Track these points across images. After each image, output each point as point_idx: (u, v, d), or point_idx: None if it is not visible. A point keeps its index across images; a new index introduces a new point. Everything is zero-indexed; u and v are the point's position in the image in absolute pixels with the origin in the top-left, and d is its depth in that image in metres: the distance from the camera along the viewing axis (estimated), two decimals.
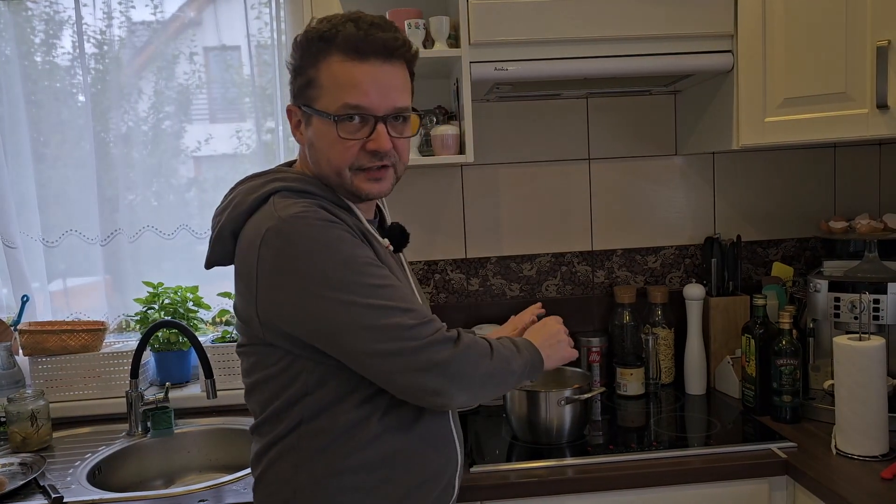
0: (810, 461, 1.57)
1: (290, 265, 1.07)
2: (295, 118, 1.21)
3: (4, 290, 2.19)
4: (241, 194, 1.18)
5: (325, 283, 1.06)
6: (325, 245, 1.07)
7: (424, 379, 1.08)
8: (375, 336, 1.07)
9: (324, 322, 1.07)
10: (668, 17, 1.76)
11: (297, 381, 1.15)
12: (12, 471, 1.70)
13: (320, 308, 1.07)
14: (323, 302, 1.06)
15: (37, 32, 2.15)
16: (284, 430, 1.17)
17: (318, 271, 1.06)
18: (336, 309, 1.06)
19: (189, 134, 2.21)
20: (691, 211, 2.25)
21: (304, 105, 1.17)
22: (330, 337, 1.09)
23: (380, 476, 1.17)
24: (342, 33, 1.12)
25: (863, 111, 1.64)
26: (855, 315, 1.76)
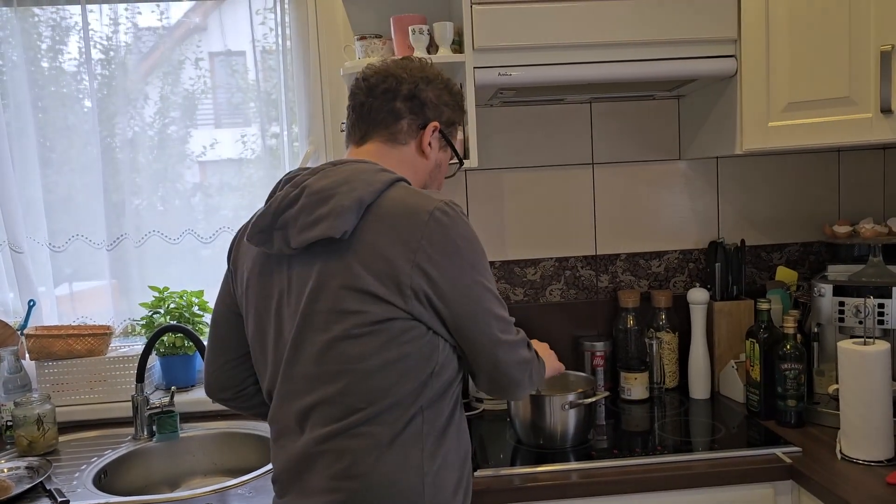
0: (815, 466, 1.57)
1: (455, 246, 1.16)
2: (435, 136, 1.33)
3: (11, 295, 2.20)
4: (364, 173, 1.19)
5: (478, 269, 1.19)
6: (474, 236, 1.20)
7: (517, 370, 1.24)
8: (500, 325, 1.21)
9: (471, 302, 1.18)
10: (671, 21, 1.76)
11: (430, 361, 1.18)
12: (18, 474, 1.71)
13: (472, 289, 1.18)
14: (475, 284, 1.18)
15: (43, 38, 2.17)
16: (412, 414, 1.18)
17: (475, 257, 1.19)
18: (483, 293, 1.19)
19: (194, 139, 2.23)
20: (695, 215, 2.25)
21: (448, 137, 1.35)
22: (471, 317, 1.18)
23: (460, 458, 1.26)
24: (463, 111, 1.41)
25: (867, 115, 1.64)
26: (859, 319, 1.76)
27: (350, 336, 1.14)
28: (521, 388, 1.28)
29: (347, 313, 1.14)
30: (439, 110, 1.32)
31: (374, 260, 1.14)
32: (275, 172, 2.19)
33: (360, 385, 1.16)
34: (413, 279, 1.13)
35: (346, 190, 1.15)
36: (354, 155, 1.30)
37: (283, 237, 1.18)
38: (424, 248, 1.14)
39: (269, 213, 1.19)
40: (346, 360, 1.15)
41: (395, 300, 1.14)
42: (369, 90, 1.30)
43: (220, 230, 2.23)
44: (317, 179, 1.19)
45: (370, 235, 1.15)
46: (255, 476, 1.66)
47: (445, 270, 1.15)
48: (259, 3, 2.16)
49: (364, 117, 1.30)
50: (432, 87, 1.31)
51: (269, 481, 1.63)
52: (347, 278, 1.14)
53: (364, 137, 1.30)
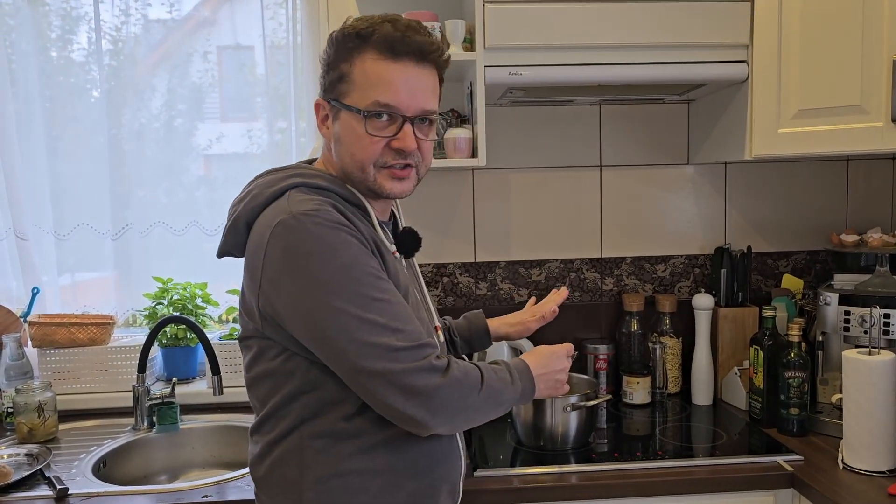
0: (817, 475, 1.56)
1: (293, 261, 1.07)
2: (322, 112, 1.21)
3: (15, 282, 2.20)
4: (259, 187, 1.18)
5: (322, 286, 1.06)
6: (330, 247, 1.06)
7: (403, 404, 1.07)
8: (361, 351, 1.06)
9: (314, 324, 1.07)
10: (683, 25, 1.76)
11: (293, 379, 1.14)
12: (18, 461, 1.71)
13: (313, 309, 1.06)
14: (316, 304, 1.06)
15: (53, 28, 2.17)
16: (286, 428, 1.16)
17: (318, 272, 1.06)
18: (327, 314, 1.06)
19: (200, 132, 2.22)
20: (702, 220, 2.25)
21: (334, 100, 1.18)
22: (318, 341, 1.08)
23: (385, 480, 1.16)
24: (379, 32, 1.13)
25: (877, 124, 1.63)
26: (865, 329, 1.75)
27: (240, 348, 1.23)
28: (428, 424, 1.09)
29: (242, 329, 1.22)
30: (322, 83, 1.22)
31: (244, 280, 1.17)
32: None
33: (250, 392, 1.23)
34: (259, 302, 1.11)
35: (241, 209, 1.18)
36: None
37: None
38: (265, 269, 1.09)
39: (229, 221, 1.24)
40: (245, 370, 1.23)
41: (254, 320, 1.15)
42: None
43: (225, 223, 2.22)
44: (242, 189, 1.24)
45: (246, 255, 1.17)
46: None
47: (286, 290, 1.07)
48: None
49: None
50: (320, 60, 1.22)
51: None
52: (240, 294, 1.20)
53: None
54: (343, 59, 1.16)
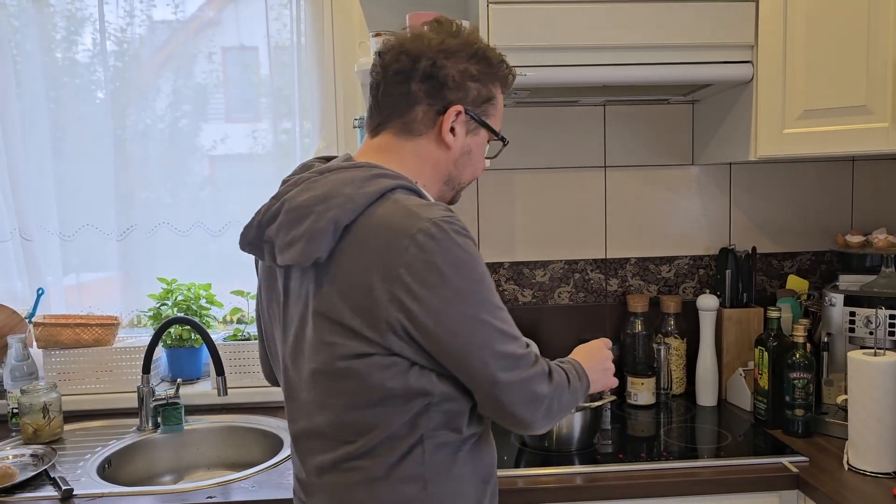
0: (822, 476, 1.55)
1: (439, 274, 1.01)
2: (458, 121, 1.15)
3: (20, 283, 2.20)
4: (347, 186, 1.06)
5: (471, 300, 1.03)
6: (471, 258, 1.04)
7: (525, 411, 1.08)
8: (499, 363, 1.05)
9: (459, 337, 1.03)
10: (688, 26, 1.75)
11: (423, 394, 1.07)
12: (23, 462, 1.71)
13: (460, 324, 1.03)
14: (465, 318, 1.03)
15: (58, 29, 2.17)
16: (409, 446, 1.09)
17: (467, 285, 1.03)
18: (476, 328, 1.04)
19: (205, 133, 2.23)
20: (707, 221, 2.24)
21: (479, 116, 1.18)
22: (458, 352, 1.04)
23: (478, 486, 1.17)
24: (509, 72, 1.22)
25: (883, 125, 1.62)
26: (870, 330, 1.74)
27: (330, 370, 1.07)
28: (534, 427, 1.11)
29: (325, 344, 1.06)
30: (464, 89, 1.14)
31: (351, 289, 1.03)
32: (285, 168, 2.18)
33: (347, 418, 1.08)
34: (390, 313, 1.01)
35: (322, 209, 1.04)
36: (367, 147, 1.18)
37: (270, 251, 1.10)
38: (403, 278, 1.00)
39: (253, 226, 1.12)
40: (328, 394, 1.08)
41: (371, 335, 1.03)
42: (384, 70, 1.15)
43: (229, 224, 2.23)
44: (297, 193, 1.08)
45: (348, 261, 1.04)
46: (259, 470, 1.66)
47: (427, 303, 1.01)
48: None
49: (379, 102, 1.17)
50: (454, 60, 1.13)
51: (272, 476, 1.63)
52: (326, 306, 1.05)
53: (378, 127, 1.17)
54: (493, 83, 1.18)
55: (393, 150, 1.16)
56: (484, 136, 1.20)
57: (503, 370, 1.05)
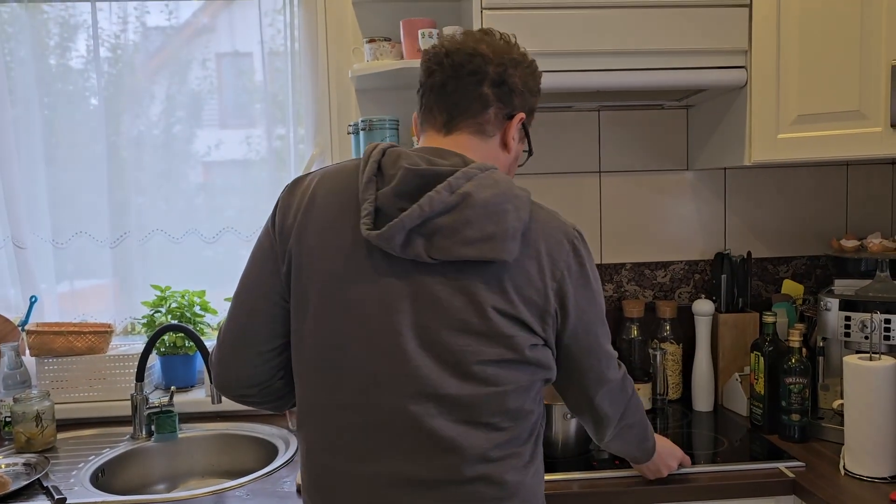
0: (818, 481, 1.55)
1: (590, 277, 1.16)
2: (519, 128, 1.22)
3: (13, 291, 2.19)
4: (508, 183, 1.09)
5: (599, 301, 1.19)
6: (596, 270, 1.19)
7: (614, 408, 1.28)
8: (610, 361, 1.24)
9: (590, 335, 1.18)
10: (681, 31, 1.76)
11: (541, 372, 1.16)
12: (16, 471, 1.70)
13: (594, 321, 1.18)
14: (596, 317, 1.18)
15: (52, 35, 2.17)
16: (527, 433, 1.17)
17: (598, 288, 1.18)
18: (599, 327, 1.19)
19: (199, 139, 2.22)
20: (702, 226, 2.24)
21: (528, 127, 1.25)
22: (586, 352, 1.19)
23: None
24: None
25: (877, 130, 1.63)
26: (866, 335, 1.74)
27: (501, 360, 1.08)
28: (610, 421, 1.30)
29: (502, 336, 1.08)
30: (525, 98, 1.19)
31: (524, 286, 1.09)
32: (279, 175, 2.18)
33: (511, 405, 1.11)
34: (553, 307, 1.12)
35: (513, 208, 1.07)
36: (436, 143, 1.17)
37: (425, 244, 1.05)
38: (566, 277, 1.13)
39: (414, 215, 1.04)
40: (491, 383, 1.09)
41: (538, 328, 1.11)
42: (454, 69, 1.14)
43: (223, 231, 2.22)
44: (478, 188, 1.06)
45: (521, 259, 1.09)
46: (254, 478, 1.65)
47: (577, 301, 1.14)
48: (268, 5, 2.16)
49: (447, 100, 1.15)
50: (520, 70, 1.18)
51: (266, 484, 1.62)
52: (501, 303, 1.07)
53: (450, 125, 1.16)
54: (537, 97, 1.25)
55: (472, 150, 1.16)
56: (523, 146, 1.28)
57: (610, 369, 1.23)
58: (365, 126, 1.89)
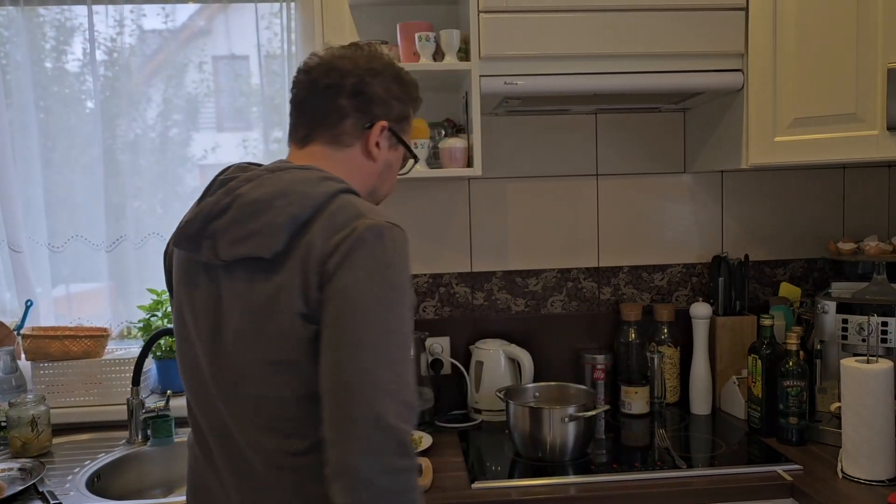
0: (816, 484, 1.55)
1: (374, 270, 1.02)
2: (384, 136, 1.22)
3: (8, 295, 2.19)
4: (300, 184, 1.08)
5: (384, 301, 1.01)
6: (406, 265, 1.06)
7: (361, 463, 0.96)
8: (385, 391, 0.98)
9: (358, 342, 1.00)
10: (678, 34, 1.76)
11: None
12: (11, 476, 1.69)
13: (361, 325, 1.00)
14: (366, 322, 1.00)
15: (48, 38, 2.16)
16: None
17: (385, 288, 1.02)
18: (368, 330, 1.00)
19: (196, 142, 2.22)
20: (699, 229, 2.24)
21: (398, 133, 1.24)
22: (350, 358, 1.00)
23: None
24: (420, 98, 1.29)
25: (873, 133, 1.63)
26: (863, 337, 1.74)
27: (285, 360, 1.05)
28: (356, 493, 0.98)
29: (285, 333, 1.05)
30: (388, 106, 1.21)
31: (305, 281, 1.03)
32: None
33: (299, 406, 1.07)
34: (311, 308, 1.03)
35: (281, 204, 1.05)
36: (295, 158, 1.20)
37: (211, 247, 1.08)
38: (335, 269, 1.01)
39: (197, 220, 1.09)
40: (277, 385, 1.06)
41: (304, 326, 1.04)
42: (311, 85, 1.19)
43: None
44: (251, 188, 1.08)
45: (290, 253, 1.05)
46: None
47: (352, 301, 1.01)
48: (265, 8, 2.15)
49: (306, 115, 1.20)
50: (380, 79, 1.20)
51: None
52: (283, 299, 1.04)
53: (306, 138, 1.20)
54: (409, 105, 1.26)
55: (324, 159, 1.19)
56: (400, 152, 1.27)
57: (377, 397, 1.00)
58: None
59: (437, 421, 2.03)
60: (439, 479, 1.63)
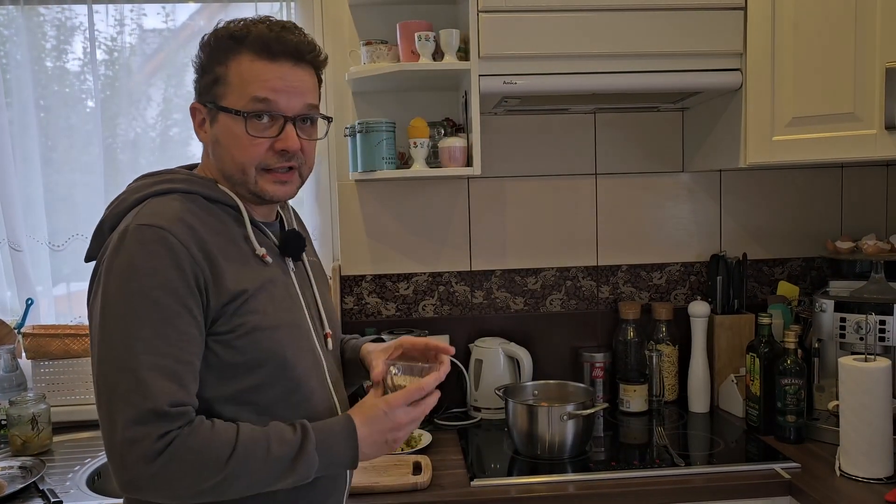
0: (814, 482, 1.56)
1: (104, 275, 1.03)
2: (199, 116, 1.17)
3: (9, 293, 2.19)
4: (127, 192, 1.14)
5: (107, 307, 1.01)
6: (134, 270, 1.01)
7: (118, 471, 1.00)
8: (98, 393, 1.02)
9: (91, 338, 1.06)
10: (677, 34, 1.76)
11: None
12: (12, 474, 1.69)
13: (93, 328, 1.04)
14: (95, 323, 1.03)
15: (48, 38, 2.17)
16: None
17: (111, 293, 1.01)
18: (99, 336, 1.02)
19: (196, 142, 2.21)
20: (697, 228, 2.25)
21: (210, 102, 1.14)
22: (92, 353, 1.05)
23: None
24: (253, 33, 1.11)
25: (871, 132, 1.64)
26: (861, 336, 1.75)
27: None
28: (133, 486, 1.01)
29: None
30: (196, 87, 1.18)
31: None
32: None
33: None
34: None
35: (106, 214, 1.13)
36: None
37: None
38: (97, 277, 1.06)
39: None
40: None
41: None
42: None
43: None
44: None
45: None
46: None
47: (92, 304, 1.06)
48: (265, 8, 2.16)
49: None
50: (193, 66, 1.18)
51: None
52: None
53: None
54: (217, 62, 1.13)
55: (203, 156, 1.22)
56: (224, 121, 1.13)
57: (101, 406, 1.04)
58: (362, 129, 1.89)
59: (436, 419, 2.04)
60: (439, 476, 1.64)
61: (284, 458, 1.03)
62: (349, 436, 1.09)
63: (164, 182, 1.13)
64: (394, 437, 1.12)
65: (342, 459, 1.09)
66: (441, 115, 2.04)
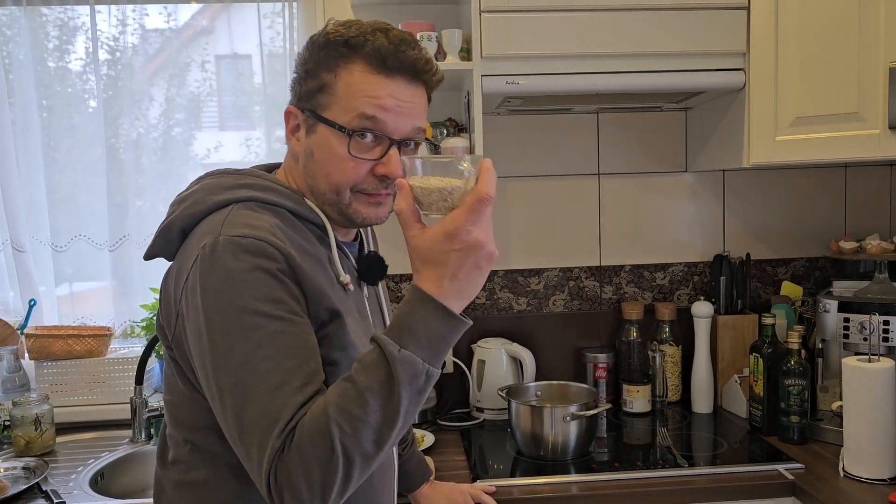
0: (817, 483, 1.55)
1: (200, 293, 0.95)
2: (294, 122, 1.09)
3: (12, 294, 2.19)
4: (203, 191, 1.05)
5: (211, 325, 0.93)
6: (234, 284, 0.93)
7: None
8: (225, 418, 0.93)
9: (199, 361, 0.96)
10: (680, 33, 1.76)
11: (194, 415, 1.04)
12: (15, 475, 1.70)
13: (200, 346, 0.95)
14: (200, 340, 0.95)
15: (51, 38, 2.17)
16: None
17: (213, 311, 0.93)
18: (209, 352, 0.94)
19: (199, 141, 2.22)
20: (701, 228, 2.25)
21: (311, 111, 1.05)
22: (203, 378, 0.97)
23: None
24: (371, 43, 1.01)
25: (874, 132, 1.63)
26: (864, 336, 1.74)
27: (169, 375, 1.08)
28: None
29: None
30: (296, 90, 1.08)
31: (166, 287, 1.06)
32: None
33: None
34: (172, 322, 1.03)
35: (179, 212, 1.04)
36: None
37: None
38: (184, 292, 0.98)
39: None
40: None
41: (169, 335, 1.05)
42: None
43: None
44: (188, 186, 1.10)
45: (176, 262, 1.04)
46: None
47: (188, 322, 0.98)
48: (267, 7, 2.16)
49: None
50: (295, 67, 1.09)
51: None
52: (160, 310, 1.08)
53: None
54: (326, 68, 1.03)
55: (285, 161, 1.15)
56: (323, 133, 1.04)
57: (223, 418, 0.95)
58: None
59: (439, 419, 2.04)
60: (441, 477, 1.63)
61: (380, 380, 0.87)
62: (421, 300, 0.88)
63: (245, 188, 1.04)
64: (478, 257, 0.90)
65: (438, 327, 0.88)
66: (443, 116, 2.04)
